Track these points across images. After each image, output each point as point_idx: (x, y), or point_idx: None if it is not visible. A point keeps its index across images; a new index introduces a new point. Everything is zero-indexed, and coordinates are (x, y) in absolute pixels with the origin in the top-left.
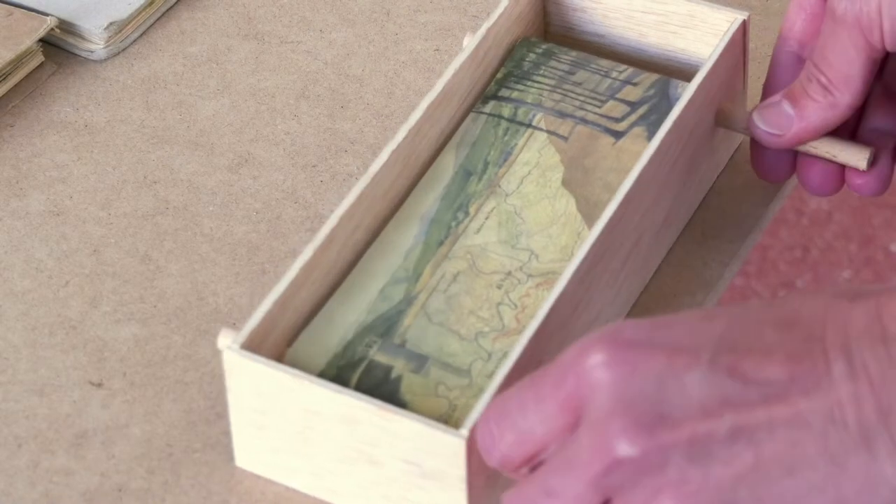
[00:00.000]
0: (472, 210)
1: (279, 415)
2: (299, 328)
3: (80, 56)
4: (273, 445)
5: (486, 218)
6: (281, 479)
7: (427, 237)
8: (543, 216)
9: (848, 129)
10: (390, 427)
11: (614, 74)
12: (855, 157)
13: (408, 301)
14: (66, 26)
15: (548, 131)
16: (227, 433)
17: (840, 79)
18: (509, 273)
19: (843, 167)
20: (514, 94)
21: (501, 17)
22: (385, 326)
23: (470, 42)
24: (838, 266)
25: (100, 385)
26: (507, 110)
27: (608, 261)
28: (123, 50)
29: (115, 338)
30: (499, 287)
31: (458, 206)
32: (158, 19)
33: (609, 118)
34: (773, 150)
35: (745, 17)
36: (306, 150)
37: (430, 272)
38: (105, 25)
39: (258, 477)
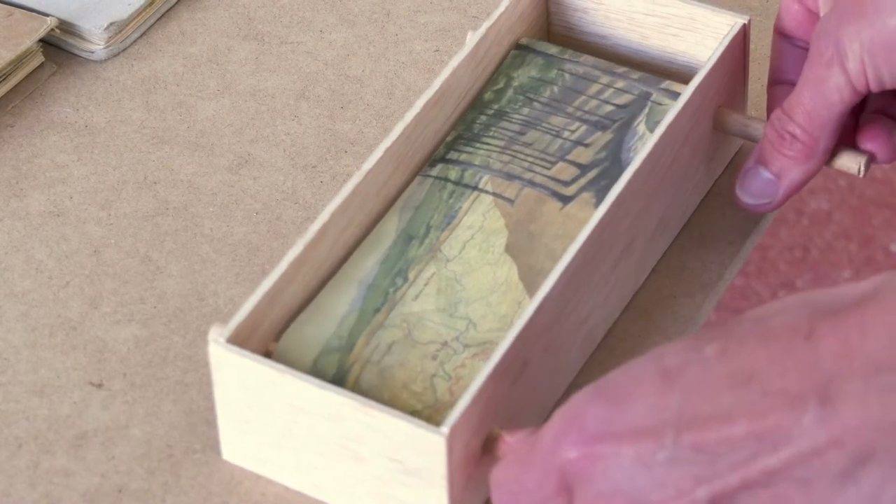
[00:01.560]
0: (411, 276)
1: (265, 409)
2: (288, 322)
3: (80, 56)
4: (259, 440)
5: (426, 284)
6: (267, 473)
7: (364, 303)
8: (484, 283)
9: (853, 114)
10: (374, 424)
11: (566, 134)
12: (850, 163)
13: (341, 376)
14: (66, 26)
15: (494, 194)
16: None
17: (817, 125)
18: (445, 343)
19: (853, 138)
20: (462, 157)
21: (502, 16)
22: None
23: (469, 41)
24: (838, 266)
25: (100, 386)
26: (453, 173)
27: (597, 264)
28: (123, 50)
29: (116, 338)
30: (434, 358)
31: (397, 272)
32: (158, 20)
33: (557, 181)
34: None
35: (746, 21)
36: (306, 150)
37: (364, 341)
38: (105, 26)
39: (258, 477)
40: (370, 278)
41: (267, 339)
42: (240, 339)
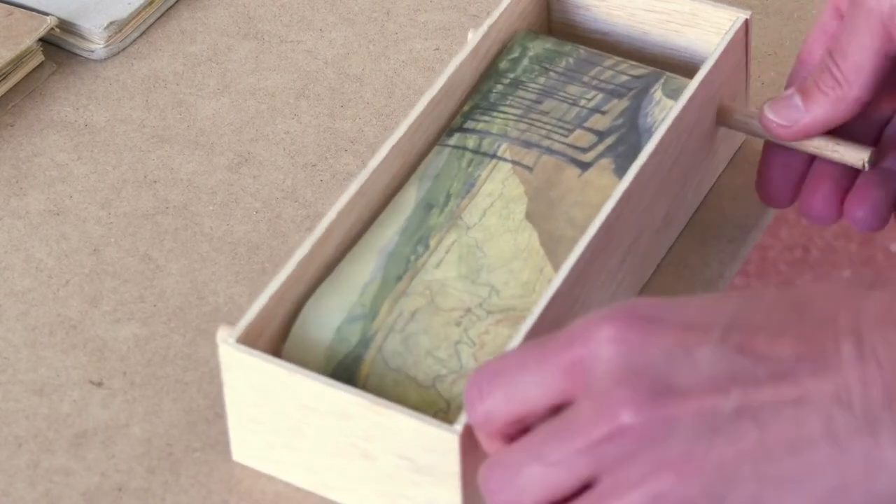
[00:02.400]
0: (432, 243)
1: (275, 409)
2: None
3: (80, 56)
4: (269, 439)
5: (447, 252)
6: (277, 473)
7: (385, 272)
8: (505, 250)
9: (851, 175)
10: (384, 422)
11: (582, 102)
12: (855, 156)
13: (364, 343)
14: (66, 26)
15: (512, 161)
16: (226, 432)
17: (851, 69)
18: (469, 309)
19: (843, 198)
20: (480, 126)
21: (504, 13)
22: (345, 377)
23: (471, 39)
24: (838, 266)
25: (100, 384)
26: (471, 142)
27: (605, 259)
28: (123, 49)
29: (115, 337)
30: (457, 324)
31: (417, 240)
32: (158, 19)
33: (575, 148)
34: (779, 175)
35: (748, 17)
36: (306, 149)
37: (387, 309)
38: (105, 25)
39: (258, 476)
40: (391, 247)
41: (275, 340)
42: (249, 340)
